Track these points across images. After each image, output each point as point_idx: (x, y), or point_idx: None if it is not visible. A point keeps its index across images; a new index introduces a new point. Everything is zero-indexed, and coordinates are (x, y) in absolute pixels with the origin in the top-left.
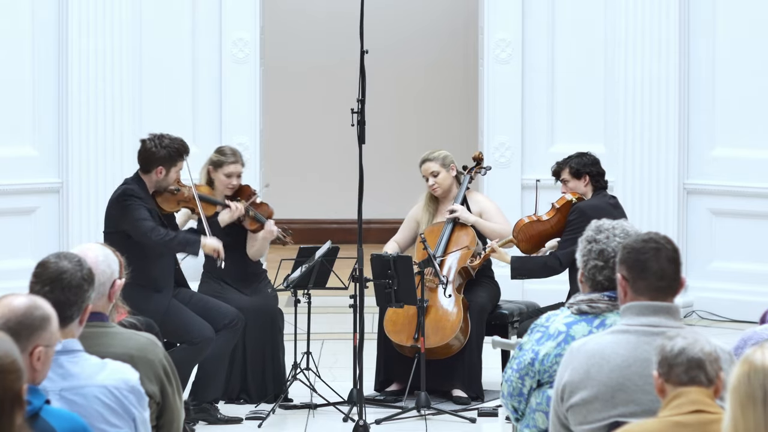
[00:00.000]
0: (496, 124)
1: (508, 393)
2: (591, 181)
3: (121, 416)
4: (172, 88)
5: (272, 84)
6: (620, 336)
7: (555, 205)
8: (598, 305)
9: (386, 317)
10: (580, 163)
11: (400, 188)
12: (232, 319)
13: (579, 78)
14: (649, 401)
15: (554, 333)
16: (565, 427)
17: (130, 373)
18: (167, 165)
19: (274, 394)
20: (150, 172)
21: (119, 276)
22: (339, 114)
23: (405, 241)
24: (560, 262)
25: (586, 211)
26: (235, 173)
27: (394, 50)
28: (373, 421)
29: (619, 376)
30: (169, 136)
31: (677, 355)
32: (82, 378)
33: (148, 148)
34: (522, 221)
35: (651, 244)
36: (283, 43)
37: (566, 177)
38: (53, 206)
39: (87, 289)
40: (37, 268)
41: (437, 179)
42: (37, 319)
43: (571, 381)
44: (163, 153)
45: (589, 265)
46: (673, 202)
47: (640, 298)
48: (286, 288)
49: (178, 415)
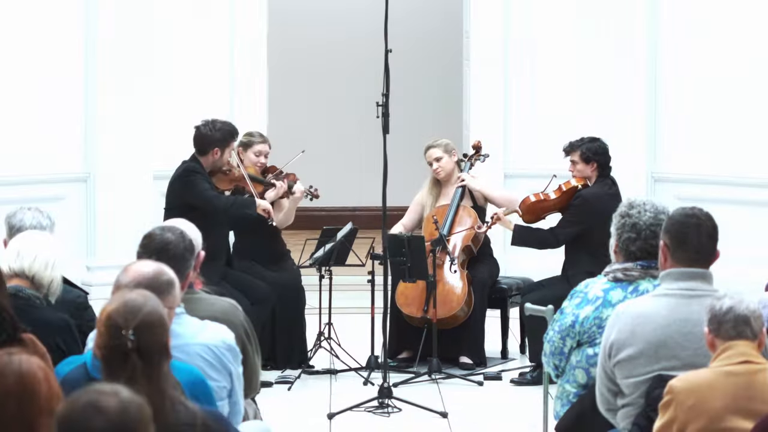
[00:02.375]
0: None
1: (550, 352)
2: (598, 167)
3: (219, 371)
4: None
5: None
6: (661, 299)
7: (562, 187)
8: (632, 273)
9: (398, 292)
10: (592, 150)
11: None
12: (263, 294)
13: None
14: (687, 356)
15: (593, 298)
16: (611, 381)
17: (226, 333)
18: (222, 146)
19: (298, 361)
20: (207, 154)
21: (202, 248)
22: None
23: (411, 224)
24: (557, 240)
25: (589, 199)
26: (264, 152)
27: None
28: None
29: (661, 334)
30: (220, 121)
31: (726, 313)
32: (186, 337)
33: (203, 133)
34: (529, 199)
35: (693, 219)
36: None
37: (576, 159)
38: (80, 195)
39: (188, 258)
40: (144, 239)
41: (440, 164)
42: (164, 284)
43: (618, 339)
44: (217, 135)
45: (623, 237)
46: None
47: (678, 265)
48: (311, 265)
49: (256, 372)
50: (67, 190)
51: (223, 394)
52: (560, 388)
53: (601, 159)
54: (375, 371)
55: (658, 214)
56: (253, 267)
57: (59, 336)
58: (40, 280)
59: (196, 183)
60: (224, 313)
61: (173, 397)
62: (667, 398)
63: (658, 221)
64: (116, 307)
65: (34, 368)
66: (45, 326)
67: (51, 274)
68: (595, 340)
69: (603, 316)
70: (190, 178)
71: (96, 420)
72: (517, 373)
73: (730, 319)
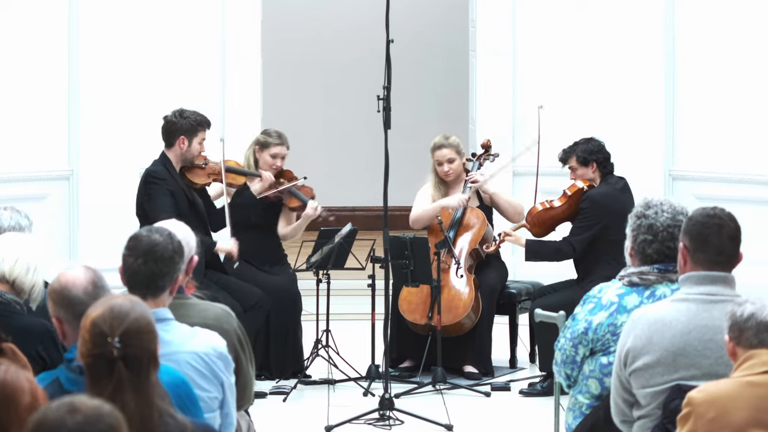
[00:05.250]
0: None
1: (562, 361)
2: (598, 167)
3: (210, 380)
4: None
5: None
6: (680, 304)
7: (567, 192)
8: (648, 277)
9: (401, 297)
10: (587, 151)
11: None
12: (257, 300)
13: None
14: (708, 365)
15: (606, 304)
16: (627, 390)
17: (218, 341)
18: (188, 135)
19: (292, 371)
20: (173, 145)
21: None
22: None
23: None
24: (573, 249)
25: (597, 200)
26: (280, 155)
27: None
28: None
29: (680, 341)
30: (190, 110)
31: (747, 320)
32: (174, 344)
33: (169, 120)
34: (535, 208)
35: (715, 219)
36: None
37: (574, 165)
38: (63, 194)
39: (177, 261)
40: (130, 241)
41: (452, 165)
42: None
43: (634, 347)
44: (183, 123)
45: (638, 239)
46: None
47: (698, 268)
48: (308, 268)
49: (250, 382)
50: (48, 188)
51: (214, 405)
52: (572, 399)
53: (599, 157)
54: (375, 381)
55: (676, 215)
56: (246, 270)
57: (40, 344)
58: (21, 284)
59: (153, 197)
60: (216, 320)
61: (162, 408)
62: (686, 410)
63: (676, 222)
64: (101, 313)
65: (20, 378)
66: (25, 334)
67: (33, 279)
68: (610, 348)
69: (618, 322)
70: (148, 190)
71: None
72: (527, 383)
73: (751, 326)
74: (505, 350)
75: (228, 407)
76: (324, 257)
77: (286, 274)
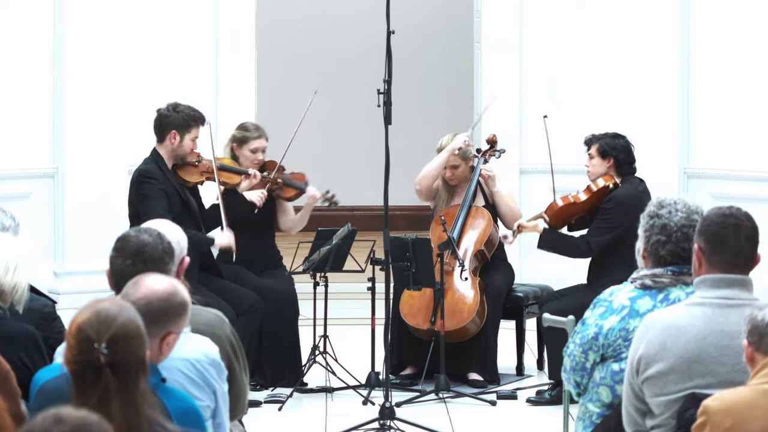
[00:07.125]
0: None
1: (571, 368)
2: (615, 164)
3: (202, 388)
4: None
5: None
6: (695, 308)
7: (592, 188)
8: (661, 280)
9: (402, 301)
10: (611, 145)
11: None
12: (251, 304)
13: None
14: (725, 372)
15: (618, 308)
16: (639, 399)
17: (210, 347)
18: (180, 130)
19: (289, 378)
20: (165, 140)
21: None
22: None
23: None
24: (591, 249)
25: (624, 202)
26: (260, 148)
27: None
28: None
29: (695, 347)
30: (185, 105)
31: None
32: None
33: (161, 113)
34: (556, 204)
35: (732, 219)
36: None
37: (593, 152)
38: (47, 192)
39: (168, 262)
40: (118, 242)
41: (456, 171)
42: (176, 306)
43: (647, 353)
44: (176, 117)
45: (651, 240)
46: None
47: (714, 271)
48: (305, 270)
49: (244, 389)
50: (32, 186)
51: (206, 415)
52: (582, 408)
53: (620, 156)
54: (376, 389)
55: (690, 215)
56: (240, 273)
57: (23, 350)
58: (1, 285)
59: (147, 196)
60: (209, 325)
61: (151, 417)
62: (701, 419)
63: (691, 222)
64: (87, 318)
65: None
66: (8, 339)
67: (13, 279)
68: (621, 354)
69: (630, 327)
70: (141, 189)
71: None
72: (534, 391)
73: None
74: (511, 357)
75: (221, 417)
76: (321, 259)
77: (282, 276)
